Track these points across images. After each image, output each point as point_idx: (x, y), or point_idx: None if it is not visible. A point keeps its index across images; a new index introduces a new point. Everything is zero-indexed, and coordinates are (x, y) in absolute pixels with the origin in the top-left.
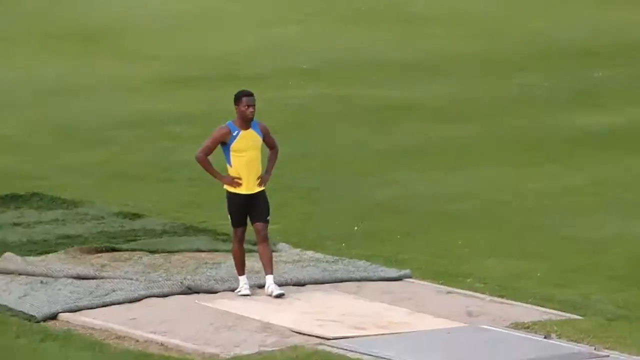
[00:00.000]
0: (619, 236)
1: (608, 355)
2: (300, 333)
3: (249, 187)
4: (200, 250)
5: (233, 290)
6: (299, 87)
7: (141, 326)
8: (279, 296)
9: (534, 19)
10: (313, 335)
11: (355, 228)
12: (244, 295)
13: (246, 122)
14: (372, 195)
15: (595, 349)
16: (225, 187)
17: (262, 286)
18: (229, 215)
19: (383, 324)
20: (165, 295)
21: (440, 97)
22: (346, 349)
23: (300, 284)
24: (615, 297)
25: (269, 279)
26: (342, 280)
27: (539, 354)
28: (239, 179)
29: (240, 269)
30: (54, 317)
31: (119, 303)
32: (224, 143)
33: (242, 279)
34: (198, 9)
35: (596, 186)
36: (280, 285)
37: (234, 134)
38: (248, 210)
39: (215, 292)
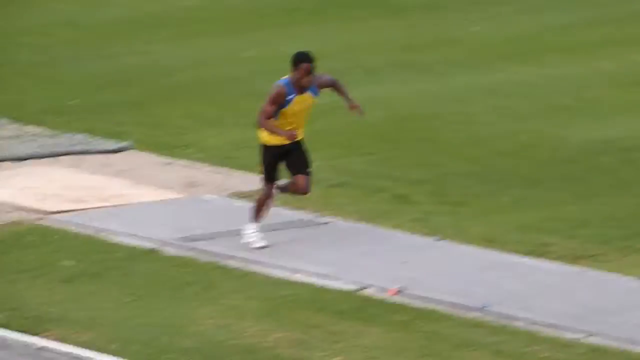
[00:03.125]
0: (339, 102)
1: (328, 223)
2: (20, 208)
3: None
4: None
5: None
6: None
7: None
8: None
9: None
10: (33, 210)
11: (70, 103)
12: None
13: (303, 88)
14: (90, 69)
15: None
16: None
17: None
18: (262, 168)
19: (104, 197)
20: None
21: None
22: (67, 223)
23: (20, 159)
24: (336, 163)
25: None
26: (62, 154)
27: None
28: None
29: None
30: None
31: None
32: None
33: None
34: None
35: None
36: (0, 160)
37: (289, 98)
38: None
39: None
